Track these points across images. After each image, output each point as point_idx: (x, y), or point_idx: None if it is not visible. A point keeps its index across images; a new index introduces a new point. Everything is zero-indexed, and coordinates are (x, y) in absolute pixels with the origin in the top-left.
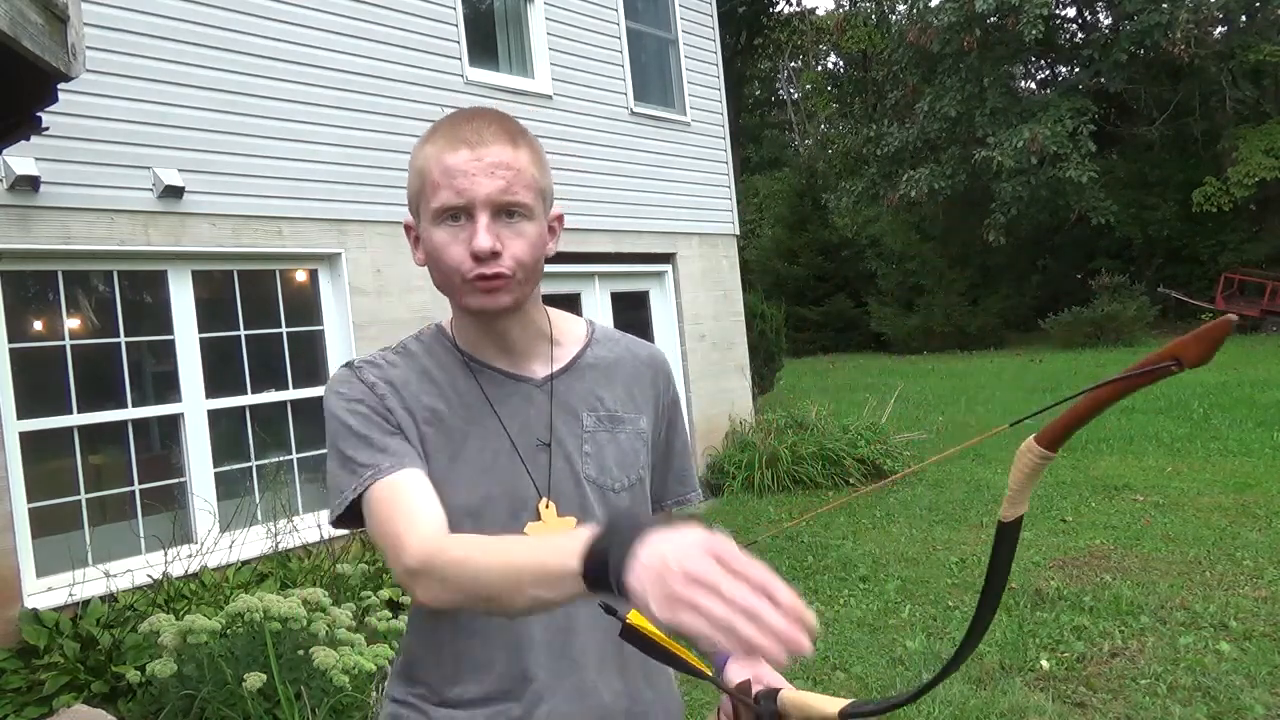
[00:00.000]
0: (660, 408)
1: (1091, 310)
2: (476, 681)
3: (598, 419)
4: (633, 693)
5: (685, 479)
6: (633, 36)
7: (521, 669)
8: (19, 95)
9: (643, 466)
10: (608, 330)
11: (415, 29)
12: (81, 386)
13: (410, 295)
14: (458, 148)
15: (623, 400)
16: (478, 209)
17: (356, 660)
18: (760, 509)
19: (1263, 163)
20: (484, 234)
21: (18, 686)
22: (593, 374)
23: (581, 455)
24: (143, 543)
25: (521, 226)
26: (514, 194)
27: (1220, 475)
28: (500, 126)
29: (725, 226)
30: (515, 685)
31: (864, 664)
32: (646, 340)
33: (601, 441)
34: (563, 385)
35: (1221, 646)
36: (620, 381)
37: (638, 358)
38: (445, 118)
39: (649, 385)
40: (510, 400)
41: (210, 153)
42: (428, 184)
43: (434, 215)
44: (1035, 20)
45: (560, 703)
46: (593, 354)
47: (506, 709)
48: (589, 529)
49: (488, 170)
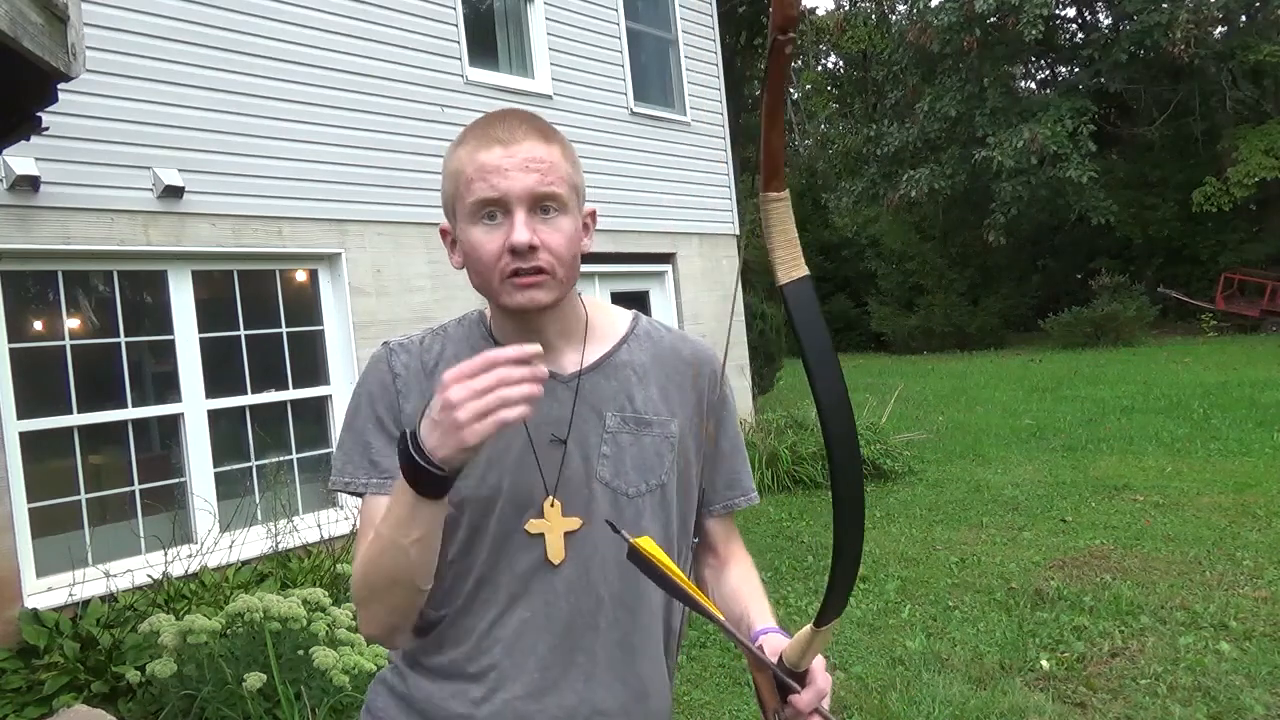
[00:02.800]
0: (703, 409)
1: (1091, 310)
2: (451, 649)
3: (622, 420)
4: (595, 701)
5: (735, 482)
6: (633, 36)
7: (488, 650)
8: (19, 95)
9: (666, 472)
10: (653, 325)
11: (415, 29)
12: (81, 386)
13: (410, 295)
14: (491, 146)
15: (655, 402)
16: (513, 203)
17: (356, 660)
18: (760, 509)
19: (1263, 163)
20: (521, 228)
21: (18, 686)
22: (625, 373)
23: (599, 456)
24: (143, 543)
25: (557, 221)
26: (549, 186)
27: (1220, 475)
28: (531, 124)
29: (725, 226)
30: (479, 666)
31: (864, 664)
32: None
33: (623, 444)
34: (590, 382)
35: (1221, 646)
36: (655, 381)
37: (679, 356)
38: (474, 122)
39: (689, 386)
40: None
41: (210, 153)
42: (462, 183)
43: (470, 213)
44: (1035, 20)
45: (518, 698)
46: (628, 351)
47: (467, 689)
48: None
49: (521, 165)
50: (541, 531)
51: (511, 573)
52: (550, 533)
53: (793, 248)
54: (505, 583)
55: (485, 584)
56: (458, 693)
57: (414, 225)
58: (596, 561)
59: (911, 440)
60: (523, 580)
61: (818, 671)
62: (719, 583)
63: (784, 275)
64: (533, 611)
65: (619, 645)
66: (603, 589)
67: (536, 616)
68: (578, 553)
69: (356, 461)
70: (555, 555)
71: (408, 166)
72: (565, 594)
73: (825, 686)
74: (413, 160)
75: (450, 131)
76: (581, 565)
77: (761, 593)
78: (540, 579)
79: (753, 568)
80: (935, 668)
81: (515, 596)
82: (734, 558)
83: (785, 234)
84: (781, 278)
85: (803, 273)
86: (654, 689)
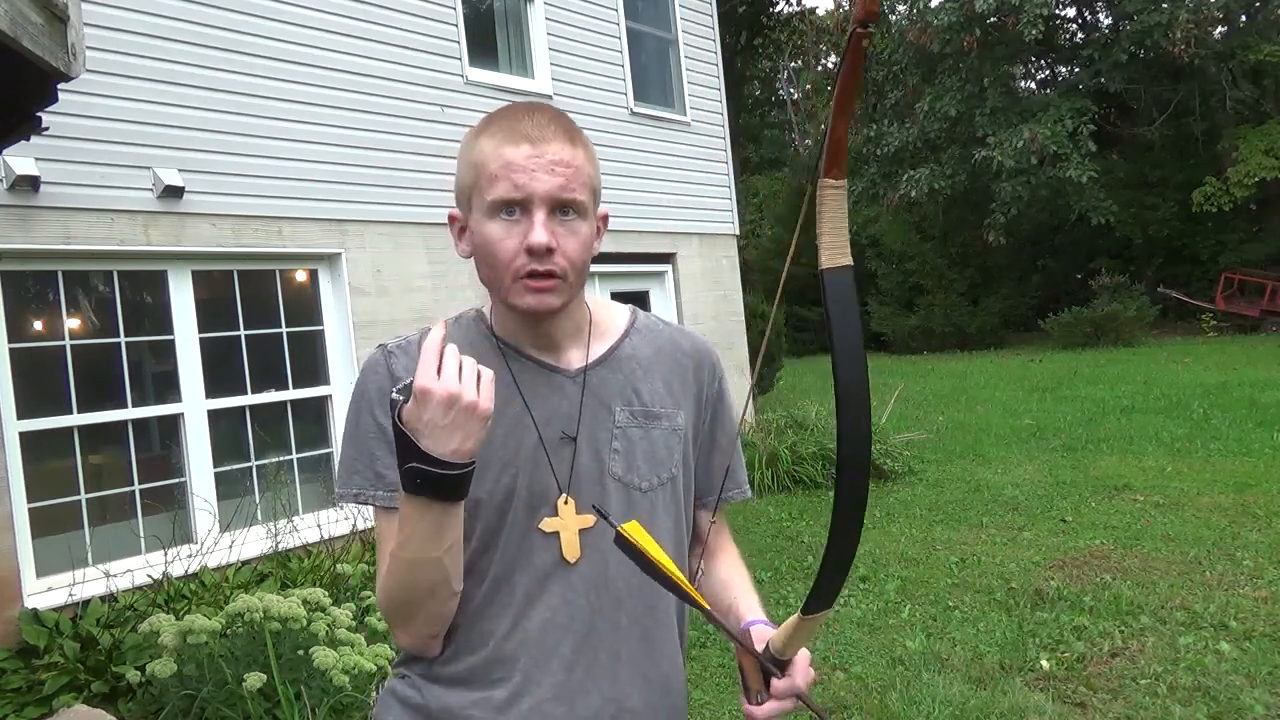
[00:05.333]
0: (703, 401)
1: (1091, 310)
2: (468, 656)
3: (631, 414)
4: (621, 699)
5: (732, 476)
6: (633, 36)
7: (510, 654)
8: (19, 95)
9: (675, 465)
10: (651, 319)
11: (415, 29)
12: (81, 386)
13: (410, 295)
14: (518, 142)
15: (660, 395)
16: (535, 204)
17: (356, 660)
18: (760, 509)
19: (1263, 163)
20: (540, 230)
21: (18, 686)
22: (630, 366)
23: (610, 451)
24: (143, 543)
25: (576, 225)
26: (571, 191)
27: (1220, 475)
28: (560, 124)
29: (725, 226)
30: (502, 671)
31: (864, 664)
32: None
33: (633, 437)
34: (596, 377)
35: (1221, 646)
36: (659, 375)
37: (680, 349)
38: (499, 111)
39: (691, 378)
40: (541, 391)
41: (210, 153)
42: (484, 176)
43: (489, 208)
44: (1035, 20)
45: (545, 701)
46: (631, 345)
47: (489, 695)
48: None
49: (548, 167)
50: (556, 530)
51: (527, 573)
52: (565, 531)
53: (841, 235)
54: (521, 583)
55: (501, 586)
56: (479, 701)
57: (414, 225)
58: (614, 558)
59: (911, 440)
60: (540, 580)
61: (800, 662)
62: (709, 575)
63: (828, 261)
64: (553, 611)
65: (641, 641)
66: (621, 585)
67: (558, 616)
68: (594, 550)
69: (363, 472)
70: (571, 553)
71: (408, 166)
72: (585, 592)
73: (806, 677)
74: (413, 160)
75: (450, 131)
76: (599, 562)
77: (751, 586)
78: (557, 578)
79: (741, 561)
80: (935, 668)
81: (533, 597)
82: (723, 550)
83: (836, 221)
84: (825, 263)
85: (847, 262)
86: (675, 684)
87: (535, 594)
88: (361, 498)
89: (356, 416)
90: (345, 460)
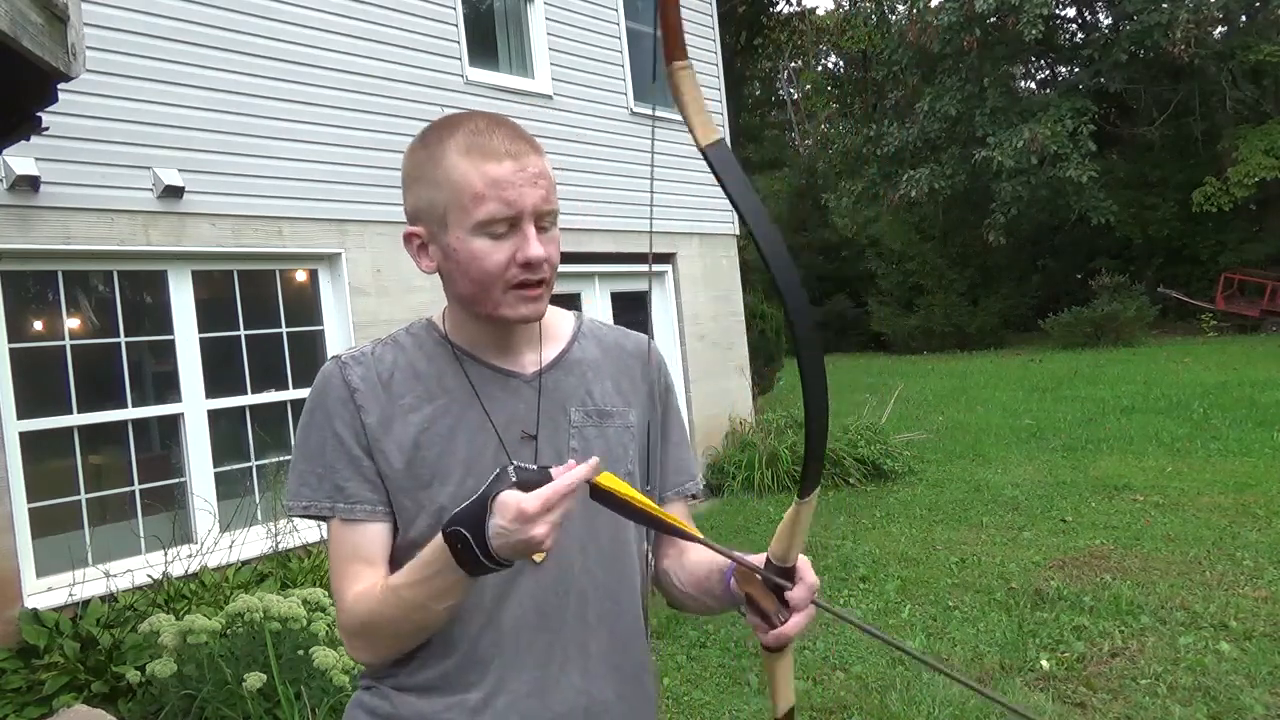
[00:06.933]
0: (654, 397)
1: (1091, 310)
2: (439, 662)
3: (585, 414)
4: (593, 692)
5: (683, 468)
6: (633, 36)
7: (483, 656)
8: (19, 95)
9: (631, 461)
10: (595, 323)
11: (415, 29)
12: (81, 386)
13: (410, 295)
14: (500, 159)
15: (610, 394)
16: (525, 219)
17: None
18: (760, 509)
19: (1263, 163)
20: (536, 243)
21: (18, 686)
22: (581, 368)
23: (569, 450)
24: (143, 543)
25: (553, 233)
26: (551, 203)
27: (1220, 475)
28: (524, 136)
29: (725, 226)
30: (475, 674)
31: (864, 664)
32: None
33: (589, 436)
34: (551, 380)
35: (1221, 646)
36: (609, 375)
37: (625, 350)
38: (451, 125)
39: (639, 377)
40: (498, 395)
41: (210, 153)
42: (468, 195)
43: (476, 226)
44: (1035, 20)
45: (521, 697)
46: (580, 348)
47: (463, 699)
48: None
49: (531, 180)
50: None
51: (496, 574)
52: None
53: (704, 113)
54: (490, 584)
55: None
56: (454, 704)
57: None
58: (578, 554)
59: (911, 440)
60: (508, 579)
61: (805, 567)
62: (680, 567)
63: (703, 138)
64: (524, 609)
65: (609, 634)
66: (586, 581)
67: (528, 615)
68: (560, 547)
69: (315, 485)
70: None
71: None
72: (553, 588)
73: (814, 580)
74: None
75: None
76: (565, 560)
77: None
78: (525, 577)
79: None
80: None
81: (500, 598)
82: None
83: (696, 101)
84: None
85: (718, 136)
86: (645, 673)
87: (505, 593)
88: (314, 510)
89: (311, 429)
90: (297, 474)
